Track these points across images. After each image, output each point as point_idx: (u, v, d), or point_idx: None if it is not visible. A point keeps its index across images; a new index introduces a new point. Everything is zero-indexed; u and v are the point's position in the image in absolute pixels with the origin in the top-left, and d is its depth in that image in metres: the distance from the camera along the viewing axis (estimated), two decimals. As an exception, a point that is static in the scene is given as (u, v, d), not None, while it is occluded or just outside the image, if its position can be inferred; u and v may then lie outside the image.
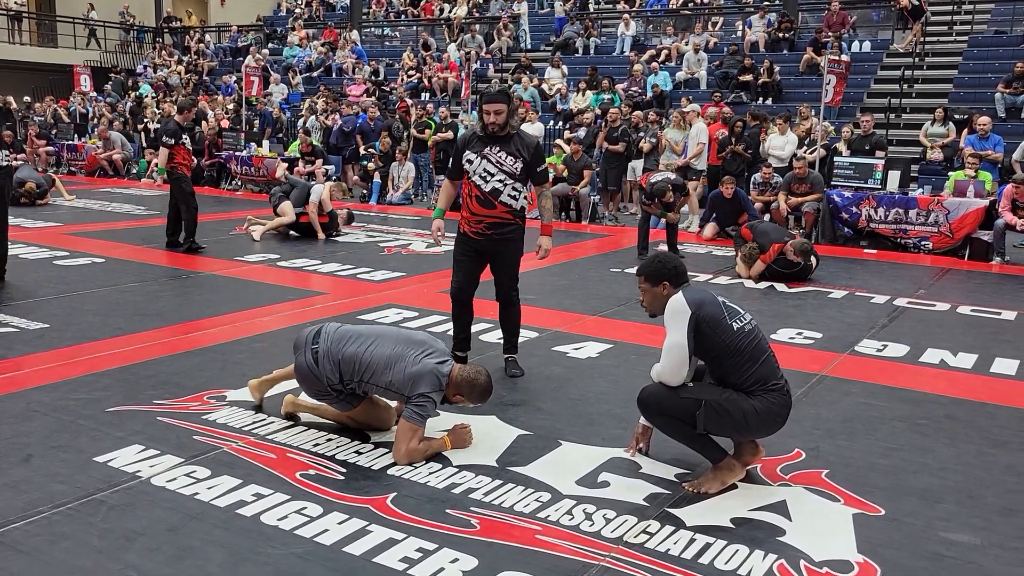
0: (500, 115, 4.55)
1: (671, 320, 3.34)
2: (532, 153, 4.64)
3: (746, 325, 3.38)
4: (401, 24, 23.16)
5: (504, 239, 4.72)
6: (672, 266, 3.46)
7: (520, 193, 4.71)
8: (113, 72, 22.96)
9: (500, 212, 4.66)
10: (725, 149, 11.59)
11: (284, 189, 10.11)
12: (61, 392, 4.34)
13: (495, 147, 4.62)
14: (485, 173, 4.63)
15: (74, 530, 2.93)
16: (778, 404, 3.37)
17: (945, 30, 17.10)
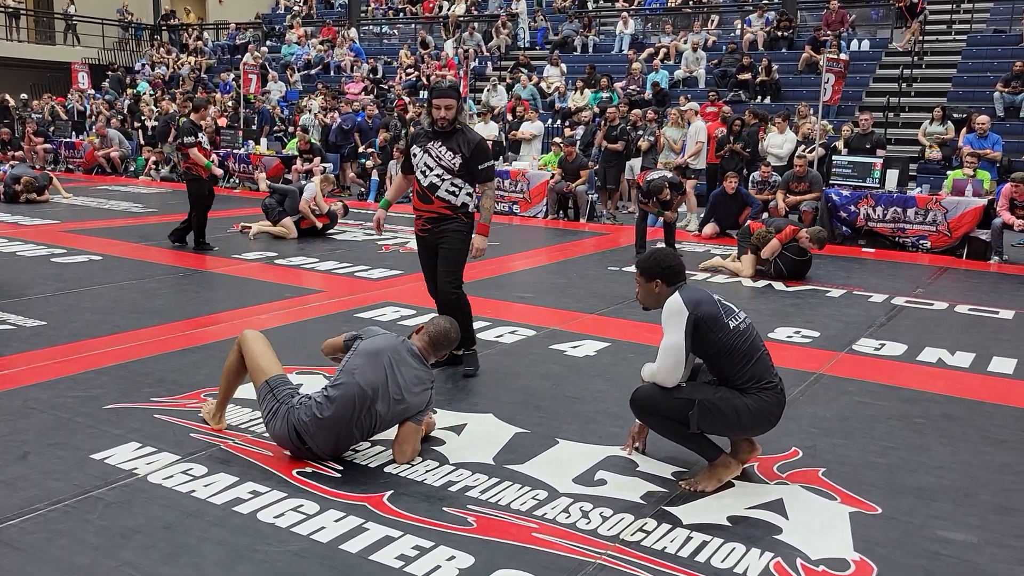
0: (450, 111, 4.51)
1: (668, 321, 3.33)
2: (473, 149, 4.56)
3: (741, 324, 3.38)
4: (400, 22, 23.14)
5: (443, 233, 4.66)
6: (667, 264, 3.43)
7: (461, 189, 4.63)
8: (111, 69, 22.93)
9: (438, 207, 4.63)
10: (724, 148, 11.60)
11: (277, 200, 9.91)
12: (58, 389, 4.34)
13: (437, 142, 4.59)
14: (425, 168, 4.62)
15: (71, 527, 2.93)
16: (771, 402, 3.37)
17: (944, 29, 17.10)
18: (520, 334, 5.67)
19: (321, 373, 4.68)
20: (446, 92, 4.54)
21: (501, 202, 12.37)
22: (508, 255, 9.11)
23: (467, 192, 4.67)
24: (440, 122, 4.54)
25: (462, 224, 4.70)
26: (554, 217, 11.92)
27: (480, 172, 4.65)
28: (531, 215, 12.05)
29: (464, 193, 4.66)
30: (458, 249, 4.71)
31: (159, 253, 8.54)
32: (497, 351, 5.26)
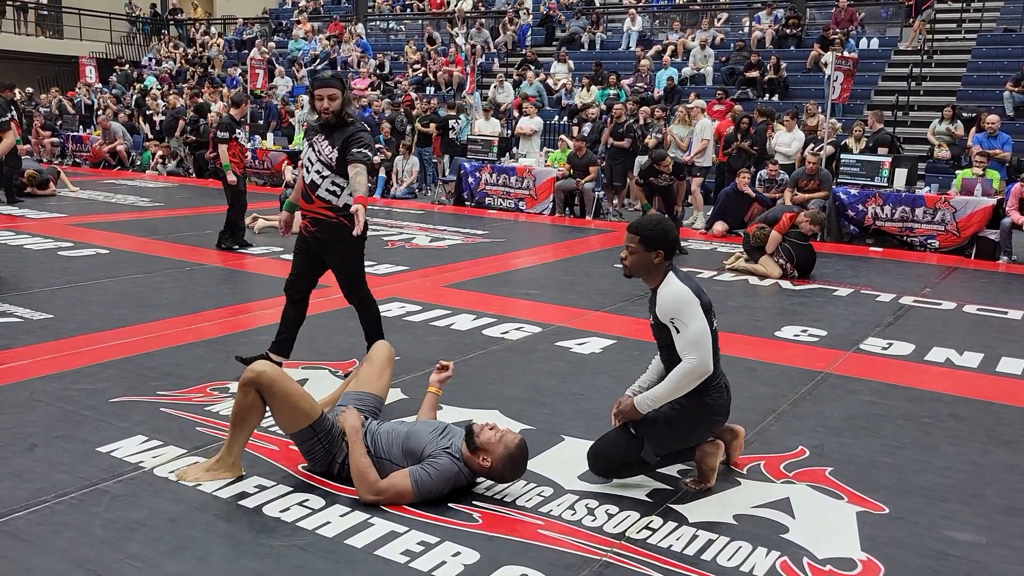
0: (334, 100, 4.18)
1: (683, 310, 3.14)
2: (346, 137, 4.19)
3: (713, 324, 3.28)
4: (407, 17, 23.12)
5: (327, 239, 4.32)
6: (673, 236, 3.28)
7: (343, 189, 4.26)
8: (118, 64, 22.97)
9: (318, 207, 4.29)
10: (731, 145, 11.57)
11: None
12: (65, 382, 4.34)
13: (322, 136, 4.28)
14: (307, 163, 4.32)
15: (77, 520, 2.93)
16: (724, 399, 3.31)
17: (954, 28, 17.01)
18: (526, 331, 5.66)
19: (327, 368, 4.68)
20: (328, 82, 4.19)
21: (507, 198, 12.37)
22: (514, 251, 9.10)
23: (350, 192, 4.22)
24: (324, 114, 4.20)
25: (346, 229, 4.24)
26: (560, 214, 11.90)
27: (351, 155, 4.18)
28: (537, 212, 12.03)
29: (347, 194, 4.25)
30: (350, 258, 4.40)
31: (165, 247, 8.55)
32: (502, 347, 5.25)
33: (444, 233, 9.99)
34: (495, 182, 12.50)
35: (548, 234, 10.53)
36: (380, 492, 3.07)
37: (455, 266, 7.99)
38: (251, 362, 3.70)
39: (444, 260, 8.28)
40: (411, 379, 4.54)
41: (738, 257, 8.19)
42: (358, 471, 3.11)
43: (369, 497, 3.07)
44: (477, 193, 12.65)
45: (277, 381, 3.15)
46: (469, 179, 12.74)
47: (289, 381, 3.22)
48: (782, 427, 4.05)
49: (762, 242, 7.80)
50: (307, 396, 3.26)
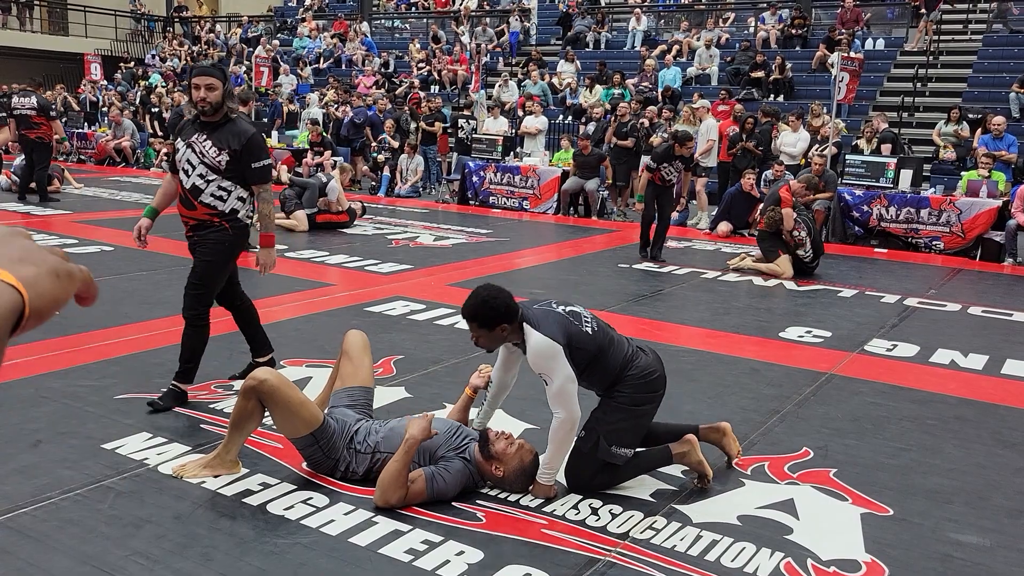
0: (213, 91, 3.83)
1: (548, 363, 3.06)
2: (244, 144, 3.86)
3: (592, 324, 3.22)
4: (412, 16, 23.12)
5: (201, 242, 3.98)
6: (504, 304, 3.10)
7: (230, 193, 3.93)
8: (123, 61, 23.00)
9: (202, 214, 3.92)
10: (736, 146, 11.55)
11: (296, 192, 9.91)
12: (70, 379, 4.35)
13: (203, 134, 3.90)
14: (187, 165, 3.92)
15: (82, 516, 2.94)
16: (650, 365, 3.27)
17: (960, 29, 16.97)
18: (530, 330, 5.65)
19: (331, 367, 4.67)
20: (206, 70, 3.85)
21: (511, 197, 12.36)
22: (518, 251, 9.09)
23: (238, 196, 3.96)
24: (201, 104, 3.83)
25: (225, 235, 3.96)
26: (564, 213, 11.90)
27: (253, 172, 3.92)
28: (541, 211, 12.03)
29: (234, 198, 3.95)
30: (210, 262, 3.99)
31: (170, 244, 8.54)
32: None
33: (448, 232, 9.99)
34: (499, 181, 12.50)
35: (552, 234, 10.52)
36: (399, 502, 3.04)
37: (459, 265, 7.99)
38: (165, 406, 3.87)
39: (448, 259, 8.28)
40: (414, 378, 4.54)
41: (743, 257, 8.17)
42: (391, 480, 3.02)
43: (384, 505, 3.04)
44: (481, 192, 12.65)
45: (278, 390, 3.12)
46: (473, 178, 12.73)
47: (290, 389, 3.19)
48: (786, 428, 4.04)
49: (778, 224, 7.74)
50: (308, 404, 3.24)
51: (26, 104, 11.26)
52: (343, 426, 3.30)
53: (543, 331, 3.08)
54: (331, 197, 9.76)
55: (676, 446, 3.33)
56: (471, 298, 3.15)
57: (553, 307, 3.23)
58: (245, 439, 3.33)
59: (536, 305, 3.24)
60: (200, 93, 3.84)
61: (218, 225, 3.97)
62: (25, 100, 11.35)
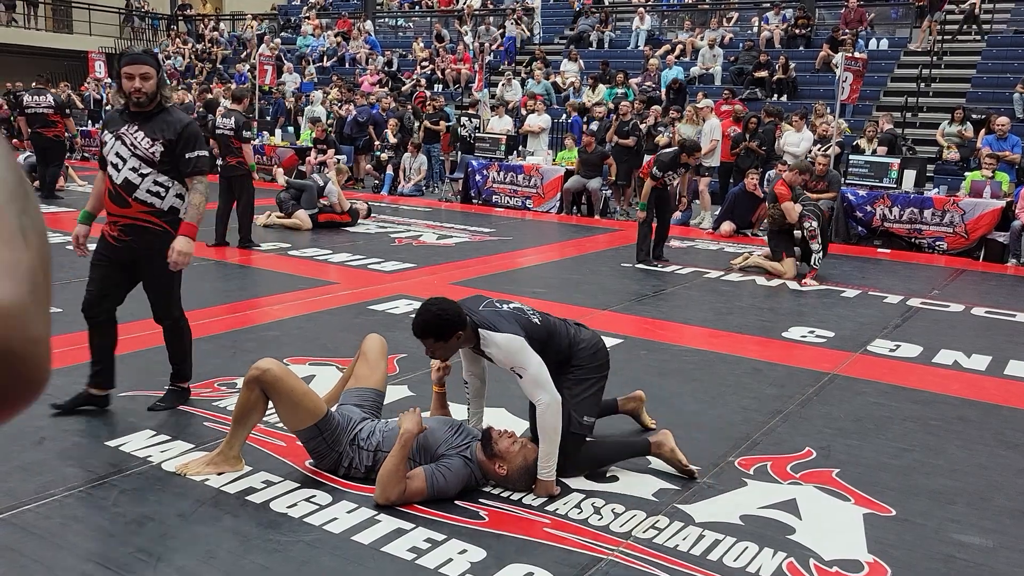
0: (148, 80, 3.59)
1: (517, 356, 3.12)
2: (179, 134, 3.62)
3: (536, 315, 3.38)
4: (415, 15, 23.12)
5: (146, 251, 3.71)
6: (455, 312, 3.13)
7: (168, 190, 3.68)
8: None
9: (137, 212, 3.64)
10: (739, 146, 11.54)
11: (292, 195, 9.83)
12: (74, 376, 4.35)
13: (133, 126, 3.62)
14: (116, 159, 3.63)
15: (86, 513, 2.95)
16: (593, 339, 3.48)
17: (964, 29, 16.92)
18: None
19: (334, 365, 4.69)
20: (139, 58, 3.61)
21: (514, 197, 12.36)
22: (521, 250, 9.10)
23: (177, 194, 3.71)
24: (135, 95, 3.58)
25: (164, 234, 3.70)
26: (567, 212, 11.90)
27: (187, 162, 3.68)
28: (544, 210, 12.03)
29: (173, 194, 3.70)
30: (172, 273, 3.79)
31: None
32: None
33: (451, 231, 10.00)
34: (502, 180, 12.50)
35: (555, 233, 10.53)
36: (399, 498, 3.05)
37: (462, 264, 7.99)
38: (70, 408, 3.75)
39: (451, 258, 8.29)
40: (417, 376, 4.55)
41: (746, 257, 8.16)
42: (390, 476, 3.03)
43: (384, 502, 3.05)
44: (484, 191, 12.65)
45: (282, 379, 3.14)
46: (476, 177, 12.74)
47: (294, 379, 3.21)
48: (789, 428, 4.04)
49: (782, 221, 7.70)
50: (311, 394, 3.26)
51: (41, 103, 11.21)
52: (347, 421, 3.31)
53: (502, 329, 3.16)
54: (332, 199, 9.75)
55: (653, 437, 3.47)
56: (420, 315, 3.16)
57: (498, 306, 3.31)
58: (248, 434, 3.33)
59: (482, 307, 3.28)
60: (135, 83, 3.57)
61: (158, 228, 3.68)
62: (40, 99, 11.30)
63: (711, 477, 3.44)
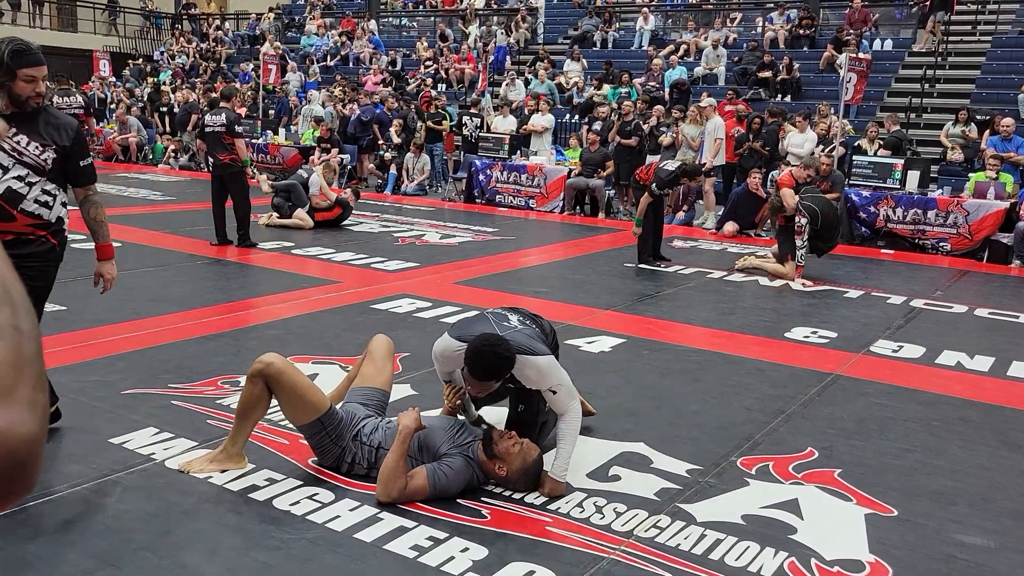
0: (44, 82, 3.26)
1: (554, 375, 3.17)
2: (73, 139, 3.25)
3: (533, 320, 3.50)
4: (419, 14, 23.14)
5: (29, 270, 3.11)
6: (509, 348, 3.09)
7: (55, 199, 3.27)
8: (131, 59, 23.08)
9: (21, 226, 3.18)
10: (742, 146, 11.53)
11: (283, 197, 9.75)
12: (78, 374, 4.37)
13: (10, 128, 3.13)
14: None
15: (89, 510, 2.96)
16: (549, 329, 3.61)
17: (969, 30, 16.91)
18: (535, 328, 5.66)
19: (337, 364, 4.70)
20: (40, 58, 3.22)
21: (518, 196, 12.37)
22: (524, 249, 9.10)
23: (62, 202, 3.32)
24: (34, 101, 3.18)
25: (53, 251, 3.32)
26: (571, 212, 11.90)
27: (83, 171, 3.33)
28: (547, 210, 12.03)
29: (59, 203, 3.29)
30: (40, 287, 3.27)
31: (177, 241, 8.59)
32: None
33: (454, 230, 10.01)
34: (506, 180, 12.51)
35: (558, 232, 10.53)
36: (400, 495, 3.05)
37: (465, 263, 8.00)
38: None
39: (454, 257, 8.29)
40: (420, 375, 4.55)
41: (745, 259, 8.16)
42: (390, 472, 3.03)
43: (386, 499, 3.05)
44: (488, 190, 12.65)
45: (285, 373, 3.15)
46: (480, 176, 12.75)
47: (297, 374, 3.23)
48: (791, 428, 4.04)
49: (780, 207, 7.64)
50: (315, 389, 3.27)
51: (72, 104, 11.16)
52: (351, 417, 3.32)
53: (537, 352, 3.18)
54: (312, 191, 9.73)
55: None
56: (485, 358, 3.06)
57: (511, 323, 3.33)
58: (251, 431, 3.34)
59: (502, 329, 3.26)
60: (38, 86, 3.17)
61: (43, 240, 3.26)
62: (71, 100, 11.21)
63: (713, 477, 3.44)
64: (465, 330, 3.29)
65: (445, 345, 3.30)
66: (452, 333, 3.32)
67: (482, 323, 3.34)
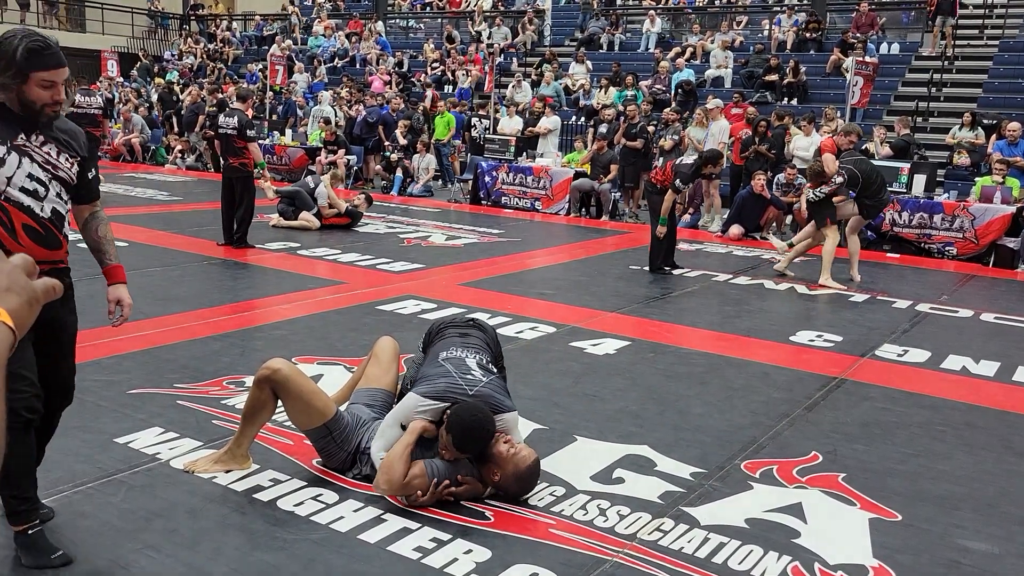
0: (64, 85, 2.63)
1: (512, 431, 3.25)
2: (87, 148, 2.76)
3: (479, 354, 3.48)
4: (426, 16, 23.18)
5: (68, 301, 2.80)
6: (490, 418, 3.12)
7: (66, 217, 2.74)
8: (141, 57, 23.17)
9: (63, 254, 2.72)
10: (748, 149, 11.52)
11: (287, 202, 9.76)
12: (84, 373, 4.35)
13: (34, 136, 2.60)
14: (35, 184, 2.58)
15: (95, 509, 2.97)
16: None
17: (976, 33, 16.87)
18: (540, 331, 5.67)
19: (342, 364, 4.71)
20: (63, 59, 2.57)
21: (524, 198, 12.38)
22: (529, 251, 9.11)
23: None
24: (50, 110, 2.59)
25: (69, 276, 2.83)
26: (576, 214, 11.90)
27: (91, 185, 2.83)
28: (553, 212, 12.04)
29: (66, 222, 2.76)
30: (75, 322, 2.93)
31: (183, 241, 8.62)
32: (517, 347, 5.27)
33: (460, 232, 10.02)
34: (512, 181, 12.52)
35: (564, 234, 10.54)
36: (401, 480, 3.03)
37: (471, 265, 8.01)
38: None
39: (460, 259, 8.30)
40: (425, 377, 4.56)
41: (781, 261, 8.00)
42: (395, 457, 3.01)
43: (386, 486, 3.02)
44: (493, 192, 12.67)
45: (291, 379, 3.17)
46: (486, 178, 12.76)
47: (303, 379, 3.24)
48: (796, 432, 4.04)
49: (820, 172, 7.54)
50: (321, 395, 3.28)
51: (92, 104, 11.16)
52: (357, 420, 3.33)
53: (505, 409, 3.22)
54: (321, 203, 9.69)
55: None
56: (476, 434, 3.06)
57: (478, 376, 3.24)
58: (256, 433, 3.35)
59: (469, 384, 3.20)
60: (57, 93, 2.57)
61: (64, 266, 2.77)
62: (91, 100, 11.21)
63: (717, 480, 3.44)
64: (431, 386, 3.18)
65: (414, 402, 3.16)
66: (418, 391, 3.19)
67: (445, 376, 3.21)
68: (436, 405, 3.14)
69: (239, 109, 8.51)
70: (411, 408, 3.17)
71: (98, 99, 11.38)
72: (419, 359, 3.66)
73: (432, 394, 3.16)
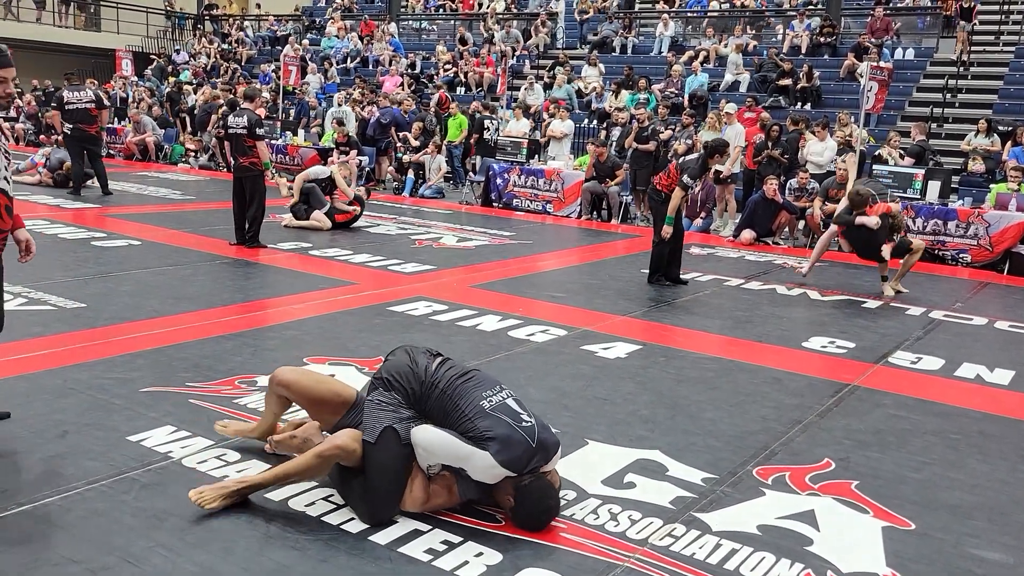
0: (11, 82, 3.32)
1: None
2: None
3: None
4: (439, 18, 23.22)
5: None
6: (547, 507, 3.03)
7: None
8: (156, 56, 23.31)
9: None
10: (762, 153, 11.48)
11: (302, 199, 9.76)
12: (97, 371, 4.41)
13: None
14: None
15: (107, 507, 2.98)
16: None
17: (992, 40, 16.78)
18: (551, 333, 5.66)
19: (353, 365, 4.72)
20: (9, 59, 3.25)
21: (535, 201, 12.37)
22: (540, 254, 9.10)
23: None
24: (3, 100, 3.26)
25: None
26: (587, 217, 11.89)
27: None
28: (564, 215, 12.03)
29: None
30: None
31: (196, 240, 8.65)
32: (528, 349, 5.26)
33: (471, 233, 10.02)
34: (523, 184, 12.52)
35: (575, 237, 10.52)
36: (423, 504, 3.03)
37: (482, 267, 8.01)
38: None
39: (471, 260, 8.31)
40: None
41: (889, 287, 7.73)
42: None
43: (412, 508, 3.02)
44: (505, 195, 12.67)
45: (294, 385, 3.30)
46: (497, 180, 12.77)
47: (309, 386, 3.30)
48: (808, 438, 4.02)
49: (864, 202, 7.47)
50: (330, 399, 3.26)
51: (83, 98, 11.19)
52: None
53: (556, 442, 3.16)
54: (340, 185, 9.82)
55: None
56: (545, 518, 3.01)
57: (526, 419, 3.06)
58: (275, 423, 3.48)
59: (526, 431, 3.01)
60: (8, 88, 3.21)
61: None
62: (81, 94, 11.24)
63: (729, 486, 3.43)
64: (510, 453, 2.92)
65: (488, 466, 2.92)
66: (498, 458, 2.90)
67: (519, 444, 2.95)
68: (510, 475, 2.94)
69: (248, 109, 8.55)
70: (484, 469, 2.93)
71: (88, 93, 11.39)
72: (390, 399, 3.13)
73: (510, 463, 2.92)
